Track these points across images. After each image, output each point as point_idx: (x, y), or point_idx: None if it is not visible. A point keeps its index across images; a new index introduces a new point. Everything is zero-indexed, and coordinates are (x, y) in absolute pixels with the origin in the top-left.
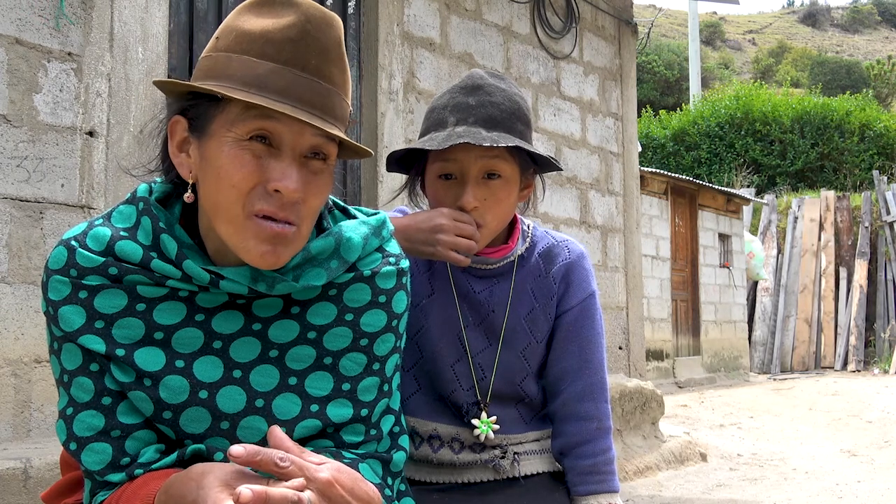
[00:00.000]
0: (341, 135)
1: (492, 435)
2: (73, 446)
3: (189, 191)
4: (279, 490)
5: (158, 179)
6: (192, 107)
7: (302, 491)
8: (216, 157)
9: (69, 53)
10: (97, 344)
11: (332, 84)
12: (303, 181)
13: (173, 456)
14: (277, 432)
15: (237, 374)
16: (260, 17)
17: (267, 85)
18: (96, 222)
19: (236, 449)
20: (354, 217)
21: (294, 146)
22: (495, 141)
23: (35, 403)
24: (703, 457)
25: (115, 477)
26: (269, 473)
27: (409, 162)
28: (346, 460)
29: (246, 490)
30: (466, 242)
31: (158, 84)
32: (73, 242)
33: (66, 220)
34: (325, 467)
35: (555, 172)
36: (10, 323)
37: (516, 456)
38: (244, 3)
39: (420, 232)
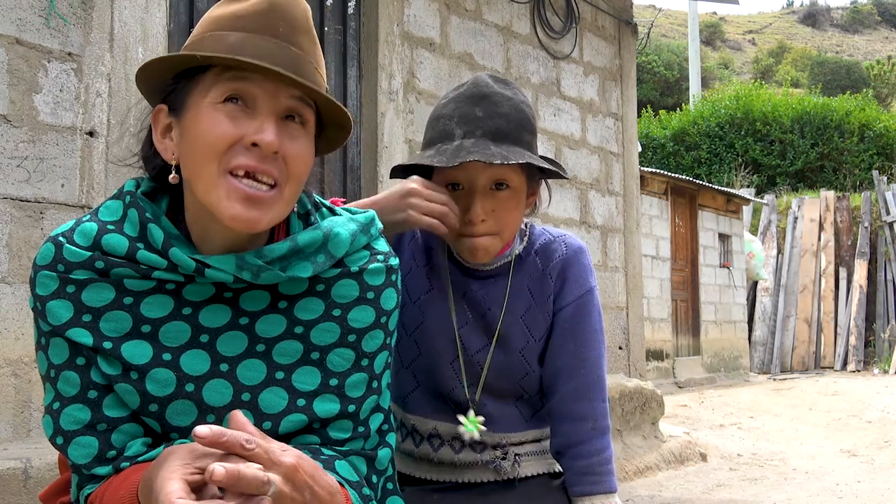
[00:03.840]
0: (316, 88)
1: (476, 435)
2: (59, 440)
3: (172, 172)
4: (251, 470)
5: (147, 177)
6: (171, 91)
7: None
8: (193, 125)
9: (69, 53)
10: (84, 337)
11: (302, 52)
12: (280, 137)
13: (160, 449)
14: (239, 416)
15: (224, 367)
16: (230, 4)
17: (239, 51)
18: (84, 218)
19: (201, 430)
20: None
21: (270, 106)
22: (505, 157)
23: (35, 403)
24: (703, 457)
25: (101, 470)
26: (235, 454)
27: (413, 170)
28: (323, 457)
29: (219, 468)
30: (440, 208)
31: (140, 74)
32: (60, 238)
33: (67, 220)
34: (289, 452)
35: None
36: (10, 323)
37: (517, 457)
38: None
39: (391, 200)
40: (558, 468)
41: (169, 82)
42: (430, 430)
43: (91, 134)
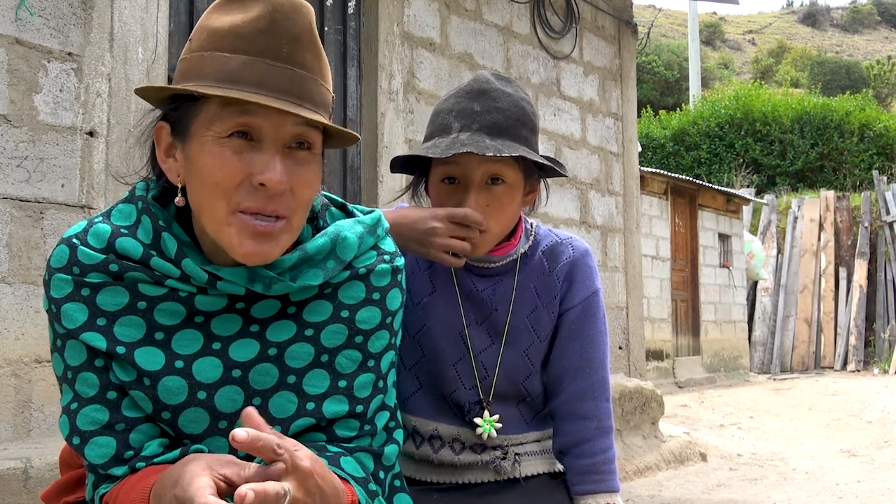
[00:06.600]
0: (322, 119)
1: (494, 433)
2: (76, 440)
3: (179, 194)
4: (274, 488)
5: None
6: (174, 110)
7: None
8: (198, 157)
9: (69, 53)
10: (98, 341)
11: (307, 70)
12: (287, 172)
13: (176, 452)
14: (254, 415)
15: (237, 373)
16: (228, 14)
17: (241, 79)
18: (96, 220)
19: (240, 434)
20: (351, 214)
21: (276, 138)
22: (499, 150)
23: (35, 403)
24: (703, 457)
25: (118, 470)
26: (263, 459)
27: (413, 164)
28: (328, 454)
29: (250, 491)
30: (460, 244)
31: (139, 92)
32: (74, 240)
33: (67, 220)
34: (305, 454)
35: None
36: (10, 323)
37: (517, 457)
38: (213, 3)
39: (413, 232)
40: (559, 468)
41: (169, 100)
42: (430, 432)
43: (91, 134)
